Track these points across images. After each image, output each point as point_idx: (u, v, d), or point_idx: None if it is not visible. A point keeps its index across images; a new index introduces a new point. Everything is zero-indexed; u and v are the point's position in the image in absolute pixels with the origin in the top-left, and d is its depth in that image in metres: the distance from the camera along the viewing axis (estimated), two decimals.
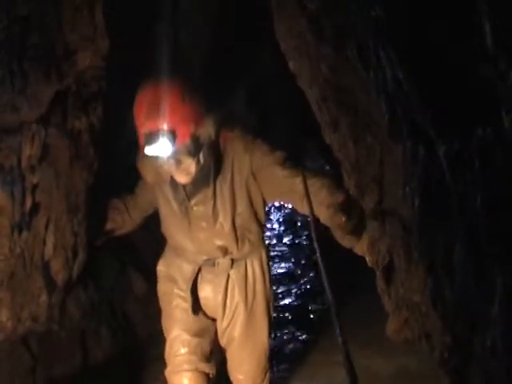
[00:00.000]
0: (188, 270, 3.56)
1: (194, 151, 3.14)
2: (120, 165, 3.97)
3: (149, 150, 3.04)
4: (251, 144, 3.35)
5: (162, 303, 3.65)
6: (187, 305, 3.53)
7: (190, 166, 3.19)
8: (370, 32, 2.02)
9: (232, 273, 3.55)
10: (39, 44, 2.92)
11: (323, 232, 3.10)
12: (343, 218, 2.97)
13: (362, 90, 2.43)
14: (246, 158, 3.34)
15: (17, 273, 3.19)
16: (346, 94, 2.63)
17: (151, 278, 3.28)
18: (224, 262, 3.51)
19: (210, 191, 3.34)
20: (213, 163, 3.30)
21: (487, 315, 1.72)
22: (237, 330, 3.58)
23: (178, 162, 3.15)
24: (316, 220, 3.11)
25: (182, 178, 3.26)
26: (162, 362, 3.53)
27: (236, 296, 3.56)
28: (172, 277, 3.61)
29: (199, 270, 3.54)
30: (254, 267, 3.60)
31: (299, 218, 9.93)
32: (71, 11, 3.08)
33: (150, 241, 4.51)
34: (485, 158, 1.50)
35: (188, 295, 3.52)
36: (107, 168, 3.52)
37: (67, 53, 3.10)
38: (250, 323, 3.58)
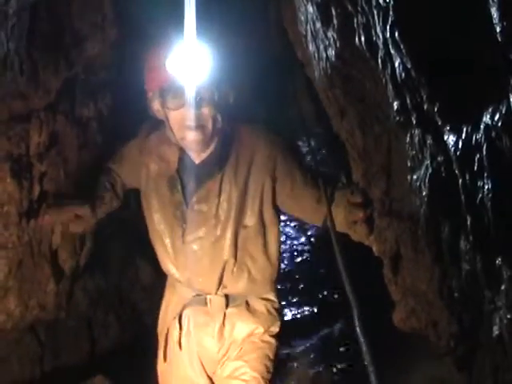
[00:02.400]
0: (179, 308, 3.22)
1: (217, 101, 2.83)
2: None
3: (175, 67, 2.71)
4: (279, 145, 3.07)
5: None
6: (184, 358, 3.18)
7: (208, 118, 2.85)
8: (378, 20, 2.01)
9: (229, 311, 3.14)
10: (48, 32, 2.93)
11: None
12: (361, 214, 2.87)
13: (369, 79, 2.43)
14: (270, 160, 3.03)
15: (25, 261, 3.20)
16: (353, 83, 2.62)
17: (158, 267, 3.27)
18: (217, 298, 3.10)
19: (215, 186, 3.00)
20: (222, 152, 3.02)
21: (493, 304, 1.71)
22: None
23: (198, 106, 2.79)
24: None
25: (194, 134, 2.86)
26: None
27: (236, 334, 3.15)
28: (167, 319, 3.29)
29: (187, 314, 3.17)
30: (259, 314, 3.17)
31: None
32: None
33: None
34: (493, 147, 1.50)
35: (174, 346, 3.19)
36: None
37: (76, 41, 3.10)
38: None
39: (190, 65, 2.69)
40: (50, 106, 3.09)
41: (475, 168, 1.59)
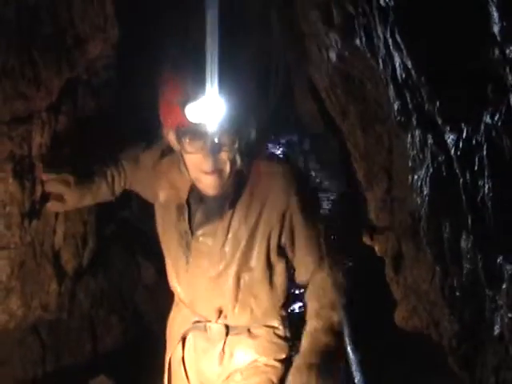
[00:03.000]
0: (182, 330, 3.12)
1: (238, 142, 2.57)
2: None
3: (193, 112, 2.41)
4: (294, 192, 2.77)
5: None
6: None
7: (226, 162, 2.59)
8: (378, 20, 2.02)
9: (230, 339, 2.99)
10: (49, 33, 2.93)
11: None
12: None
13: (370, 79, 2.44)
14: (283, 202, 2.76)
15: (27, 261, 3.21)
16: (354, 83, 2.63)
17: (160, 267, 3.27)
18: (217, 326, 2.97)
19: (223, 223, 2.79)
20: (236, 189, 2.77)
21: (495, 303, 1.72)
22: None
23: (217, 152, 2.54)
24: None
25: (211, 179, 2.63)
26: None
27: (237, 362, 3.01)
28: (171, 341, 3.18)
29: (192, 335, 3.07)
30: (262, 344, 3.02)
31: None
32: (82, 0, 3.09)
33: None
34: (493, 146, 1.50)
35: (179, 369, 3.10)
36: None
37: (77, 42, 3.10)
38: None
39: (209, 109, 2.41)
40: (52, 107, 3.09)
41: (476, 167, 1.60)
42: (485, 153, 1.54)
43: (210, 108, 2.40)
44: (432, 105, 1.79)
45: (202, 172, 2.62)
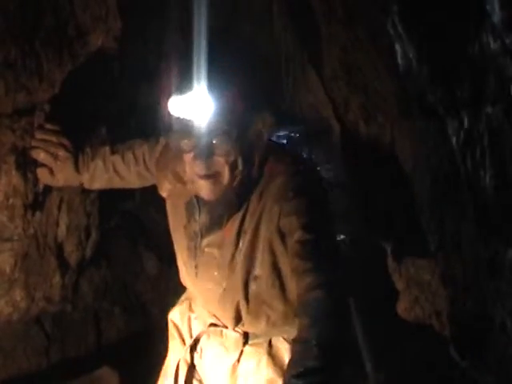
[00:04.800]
0: (196, 330, 2.80)
1: (234, 143, 2.30)
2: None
3: (178, 104, 2.24)
4: (289, 191, 2.38)
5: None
6: None
7: (224, 166, 2.32)
8: (380, 12, 2.02)
9: (248, 349, 2.65)
10: (51, 25, 2.93)
11: None
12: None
13: (372, 70, 2.43)
14: (275, 207, 2.39)
15: (30, 253, 3.22)
16: (356, 74, 2.63)
17: (163, 258, 3.27)
18: (234, 335, 2.66)
19: (230, 233, 2.46)
20: (239, 195, 2.44)
21: (497, 292, 1.72)
22: None
23: (211, 151, 2.30)
24: None
25: (205, 184, 2.37)
26: None
27: (250, 378, 2.62)
28: (181, 335, 2.87)
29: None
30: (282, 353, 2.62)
31: None
32: None
33: (162, 220, 4.54)
34: (493, 135, 1.51)
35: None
36: None
37: (79, 33, 3.10)
38: None
39: (197, 106, 2.22)
40: (54, 99, 3.09)
41: (477, 157, 1.60)
42: (486, 143, 1.55)
43: (198, 104, 2.21)
44: (433, 95, 1.79)
45: (196, 175, 2.36)
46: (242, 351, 2.63)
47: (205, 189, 2.37)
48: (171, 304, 3.33)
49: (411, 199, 2.47)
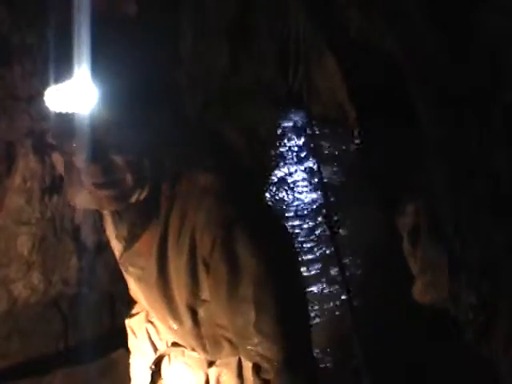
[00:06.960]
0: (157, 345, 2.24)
1: (133, 144, 1.69)
2: None
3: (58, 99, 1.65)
4: (224, 221, 1.72)
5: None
6: None
7: (125, 168, 1.69)
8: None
9: (213, 371, 2.05)
10: (60, 9, 2.94)
11: None
12: None
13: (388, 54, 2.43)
14: (205, 237, 1.76)
15: (47, 236, 3.24)
16: (372, 57, 2.63)
17: None
18: (198, 358, 2.08)
19: (152, 251, 1.89)
20: (148, 210, 1.83)
21: (511, 276, 1.73)
22: None
23: (103, 155, 1.67)
24: None
25: (101, 193, 1.74)
26: None
27: None
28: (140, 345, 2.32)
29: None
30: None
31: None
32: None
33: None
34: (509, 121, 1.51)
35: None
36: None
37: None
38: None
39: (78, 97, 1.64)
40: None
41: (493, 140, 1.60)
42: (502, 128, 1.55)
43: (79, 96, 1.63)
44: (451, 81, 1.80)
45: (90, 184, 1.74)
46: (207, 374, 2.08)
47: (103, 200, 1.76)
48: None
49: (426, 183, 2.47)
